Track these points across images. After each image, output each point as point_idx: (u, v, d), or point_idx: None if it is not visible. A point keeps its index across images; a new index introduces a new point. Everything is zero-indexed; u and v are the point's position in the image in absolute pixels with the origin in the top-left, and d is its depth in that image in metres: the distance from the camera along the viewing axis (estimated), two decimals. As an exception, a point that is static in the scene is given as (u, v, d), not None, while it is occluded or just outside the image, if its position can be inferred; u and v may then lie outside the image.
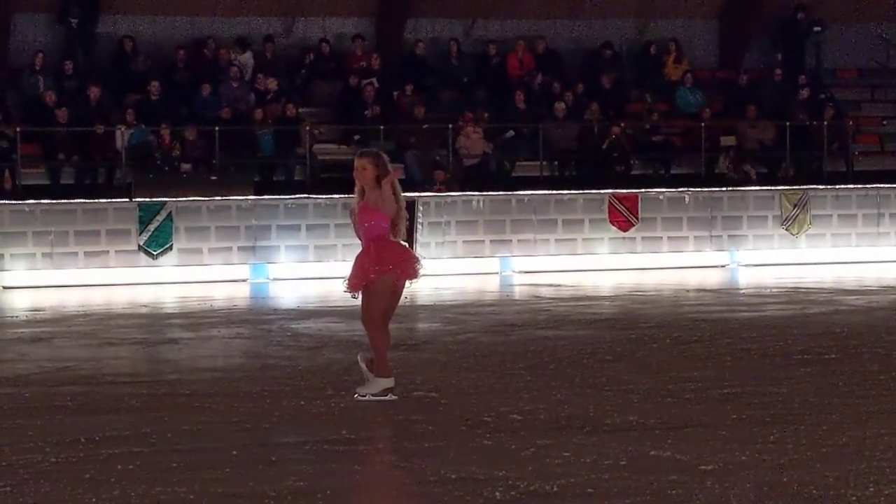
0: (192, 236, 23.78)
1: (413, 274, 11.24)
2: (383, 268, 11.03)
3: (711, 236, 25.91)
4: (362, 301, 11.16)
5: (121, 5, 27.15)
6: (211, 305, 19.92)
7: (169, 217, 23.56)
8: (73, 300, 20.82)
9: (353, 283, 11.13)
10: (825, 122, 27.65)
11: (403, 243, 11.37)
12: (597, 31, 29.45)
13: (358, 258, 11.19)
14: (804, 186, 26.51)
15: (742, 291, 21.97)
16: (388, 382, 11.19)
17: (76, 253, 23.34)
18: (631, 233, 25.56)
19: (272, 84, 26.23)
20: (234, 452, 9.27)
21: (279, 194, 24.44)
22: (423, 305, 19.21)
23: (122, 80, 26.07)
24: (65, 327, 17.43)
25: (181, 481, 8.47)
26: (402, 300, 11.56)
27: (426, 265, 11.67)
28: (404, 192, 11.50)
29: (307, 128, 25.44)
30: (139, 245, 23.50)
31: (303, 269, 23.67)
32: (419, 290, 19.77)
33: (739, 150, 27.15)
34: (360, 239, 11.33)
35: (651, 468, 8.65)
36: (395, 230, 11.18)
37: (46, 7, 26.79)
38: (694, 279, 23.42)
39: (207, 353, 14.88)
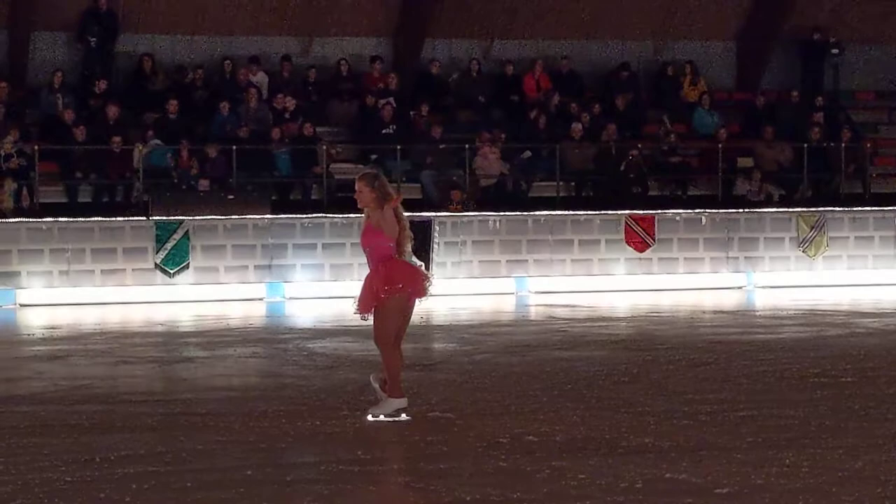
0: (208, 255, 23.82)
1: (423, 292, 11.24)
2: (393, 287, 11.03)
3: (728, 258, 25.88)
4: (374, 322, 11.15)
5: (140, 24, 27.22)
6: (227, 324, 19.94)
7: (186, 235, 23.61)
8: (89, 318, 20.85)
9: (364, 305, 11.13)
10: (842, 145, 27.62)
11: (415, 261, 11.38)
12: (614, 53, 29.47)
13: (367, 279, 11.19)
14: (821, 209, 26.47)
15: (758, 313, 21.93)
16: (401, 403, 11.18)
17: (93, 271, 23.39)
18: (647, 254, 25.54)
19: (290, 103, 26.28)
20: (249, 472, 9.27)
21: (296, 213, 24.47)
22: (438, 325, 19.21)
23: (140, 99, 26.14)
24: (81, 345, 17.45)
25: (196, 501, 8.48)
26: (416, 320, 11.55)
27: (435, 283, 11.68)
28: (421, 211, 11.56)
29: (324, 147, 25.49)
30: (156, 263, 23.54)
31: (319, 289, 23.68)
32: (435, 310, 19.81)
33: (762, 172, 27.05)
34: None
35: (666, 491, 8.63)
36: (401, 249, 11.21)
37: (66, 26, 26.86)
38: (710, 301, 23.38)
39: (223, 372, 14.89)
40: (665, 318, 20.62)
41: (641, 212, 25.66)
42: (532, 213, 25.29)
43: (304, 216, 24.38)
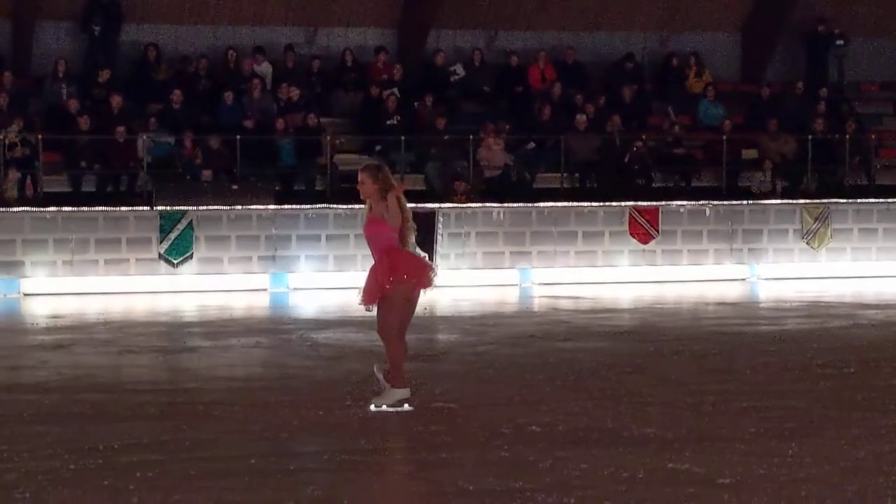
0: (212, 245, 23.84)
1: (427, 283, 11.23)
2: (398, 278, 11.03)
3: (732, 249, 25.88)
4: (378, 312, 11.14)
5: (143, 14, 27.21)
6: (230, 314, 19.96)
7: (189, 226, 23.62)
8: (93, 308, 20.87)
9: (369, 296, 11.12)
10: (847, 136, 27.59)
11: (419, 251, 11.38)
12: (619, 44, 29.43)
13: (371, 270, 11.18)
14: (825, 200, 26.46)
15: (762, 305, 21.93)
16: (404, 393, 11.19)
17: (97, 261, 23.41)
18: (651, 245, 25.54)
19: (294, 94, 26.27)
20: (253, 461, 9.28)
21: (300, 204, 24.47)
22: (442, 317, 19.22)
23: (144, 89, 26.13)
24: (85, 335, 17.47)
25: (199, 489, 8.49)
26: (420, 311, 11.55)
27: (440, 273, 11.67)
28: (424, 203, 11.55)
29: (328, 138, 25.48)
30: (160, 253, 23.56)
31: (322, 279, 23.70)
32: (438, 301, 19.82)
33: (773, 163, 26.99)
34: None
35: (669, 481, 8.64)
36: (404, 240, 11.20)
37: (69, 15, 26.84)
38: (714, 292, 23.38)
39: (227, 362, 14.90)
40: (668, 310, 20.63)
41: (645, 203, 25.66)
42: (536, 204, 25.28)
43: (308, 207, 24.38)
